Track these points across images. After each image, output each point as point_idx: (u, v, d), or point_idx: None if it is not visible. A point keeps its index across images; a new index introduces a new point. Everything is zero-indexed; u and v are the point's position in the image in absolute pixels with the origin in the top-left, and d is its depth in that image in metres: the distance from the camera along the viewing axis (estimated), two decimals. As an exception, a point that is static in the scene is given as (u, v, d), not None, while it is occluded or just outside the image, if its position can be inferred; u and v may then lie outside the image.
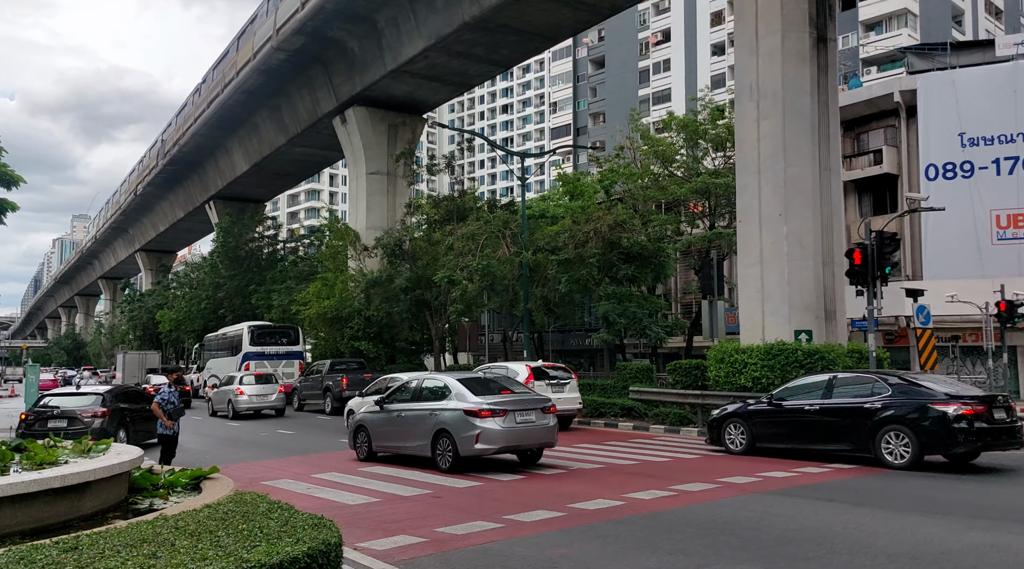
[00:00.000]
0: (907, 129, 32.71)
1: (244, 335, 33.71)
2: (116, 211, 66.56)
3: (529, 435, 11.94)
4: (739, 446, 13.64)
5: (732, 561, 6.40)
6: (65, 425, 14.93)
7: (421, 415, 12.40)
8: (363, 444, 13.54)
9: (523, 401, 12.17)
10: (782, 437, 13.16)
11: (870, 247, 15.83)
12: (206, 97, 42.78)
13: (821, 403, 12.69)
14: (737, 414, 13.83)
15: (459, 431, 11.56)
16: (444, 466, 11.78)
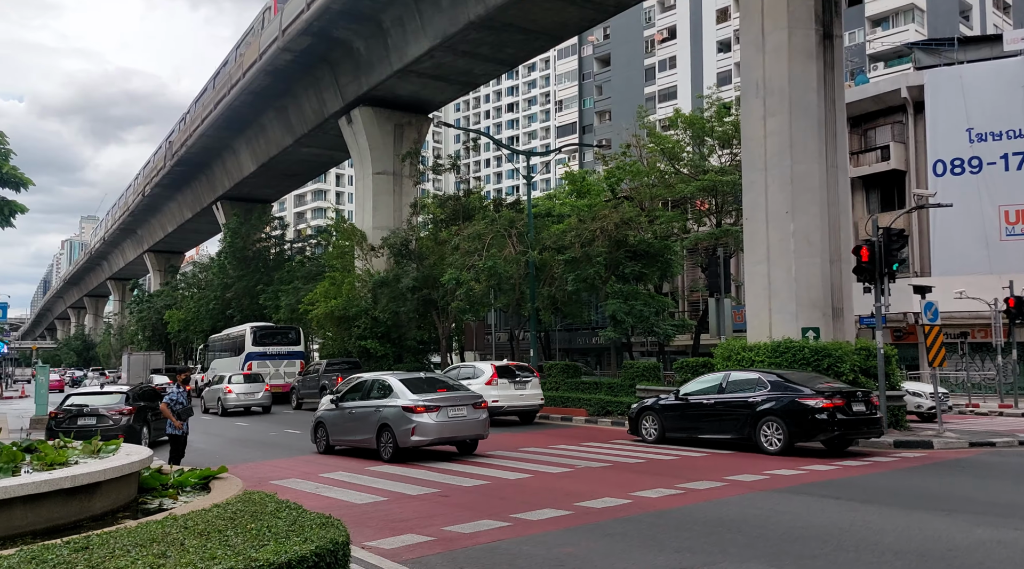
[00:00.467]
0: (915, 125, 32.58)
1: (247, 336, 34.28)
2: (124, 212, 66.90)
3: (460, 428, 13.34)
4: (652, 436, 15.37)
5: (739, 559, 6.41)
6: (94, 422, 15.60)
7: (368, 411, 13.81)
8: (322, 438, 14.89)
9: (456, 398, 13.56)
10: (686, 428, 14.89)
11: (877, 244, 15.77)
12: (213, 98, 42.95)
13: (716, 398, 14.50)
14: (651, 408, 15.58)
15: (398, 425, 12.97)
16: (386, 456, 13.15)
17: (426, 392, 13.54)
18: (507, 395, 20.00)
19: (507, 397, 19.97)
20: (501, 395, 19.81)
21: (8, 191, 25.38)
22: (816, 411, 12.91)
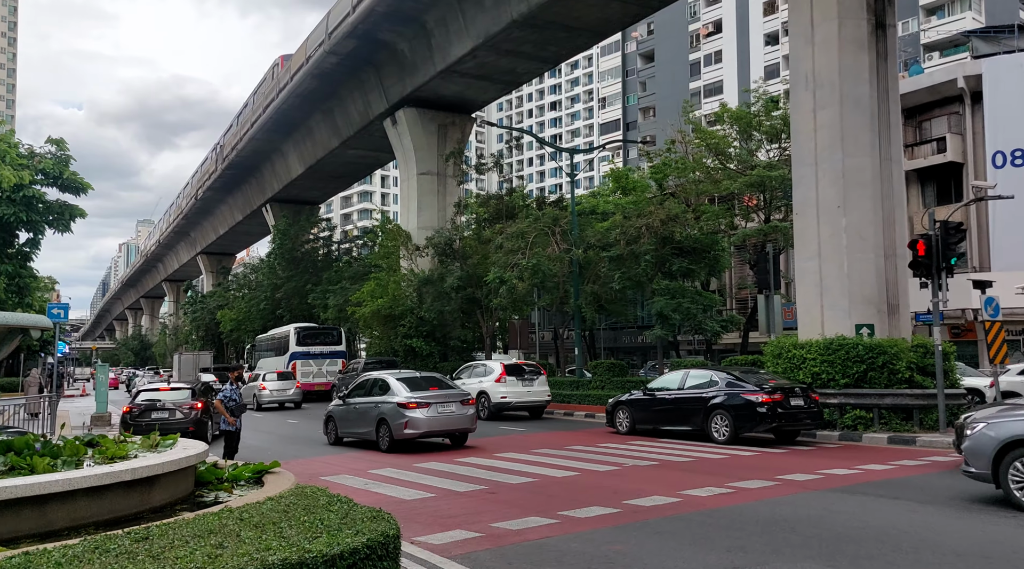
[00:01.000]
0: (972, 116, 31.53)
1: (291, 336, 35.68)
2: (178, 215, 68.68)
3: (449, 422, 14.70)
4: (625, 427, 17.04)
5: (792, 558, 6.28)
6: (167, 416, 16.76)
7: (368, 407, 15.39)
8: (331, 431, 16.63)
9: (446, 395, 14.98)
10: (651, 419, 16.51)
11: (934, 238, 15.30)
12: (262, 102, 43.82)
13: (676, 394, 16.11)
14: (623, 402, 17.29)
15: (394, 419, 14.47)
16: (383, 447, 14.75)
17: (420, 390, 14.94)
18: (515, 391, 21.54)
19: (515, 393, 21.52)
20: (509, 391, 21.46)
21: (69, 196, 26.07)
22: (757, 405, 14.42)
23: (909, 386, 15.91)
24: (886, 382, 15.93)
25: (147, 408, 17.15)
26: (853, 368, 16.07)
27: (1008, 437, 8.29)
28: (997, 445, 8.34)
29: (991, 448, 8.39)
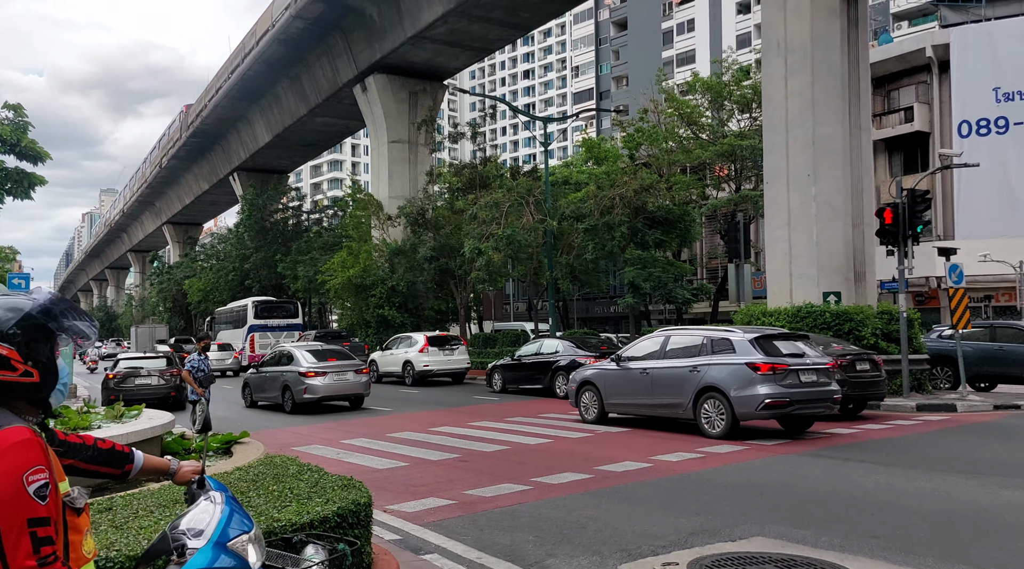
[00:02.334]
0: (939, 85, 31.83)
1: (249, 309, 36.47)
2: (142, 184, 67.25)
3: (344, 388, 16.85)
4: (497, 387, 20.56)
5: (760, 521, 6.37)
6: (149, 382, 18.11)
7: (276, 375, 17.52)
8: (248, 395, 18.74)
9: (343, 365, 17.15)
10: (516, 379, 19.94)
11: (901, 206, 15.48)
12: (227, 68, 42.78)
13: (534, 358, 19.36)
14: (500, 365, 20.89)
15: (295, 386, 16.65)
16: (287, 409, 16.85)
17: (319, 361, 16.96)
18: (437, 360, 23.78)
19: (437, 362, 23.78)
20: (432, 360, 23.74)
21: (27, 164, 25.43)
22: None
23: (875, 352, 16.20)
24: (852, 348, 16.19)
25: (128, 375, 18.27)
26: (820, 335, 16.30)
27: None
28: None
29: None
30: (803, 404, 11.00)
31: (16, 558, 1.67)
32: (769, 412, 10.88)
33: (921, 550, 5.45)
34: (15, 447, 1.73)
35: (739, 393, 10.84)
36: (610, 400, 12.93)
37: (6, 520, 1.67)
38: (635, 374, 12.45)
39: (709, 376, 11.24)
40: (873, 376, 13.56)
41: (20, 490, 1.69)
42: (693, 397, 11.38)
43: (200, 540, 2.14)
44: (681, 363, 11.82)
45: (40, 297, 1.95)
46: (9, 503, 1.68)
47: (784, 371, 10.89)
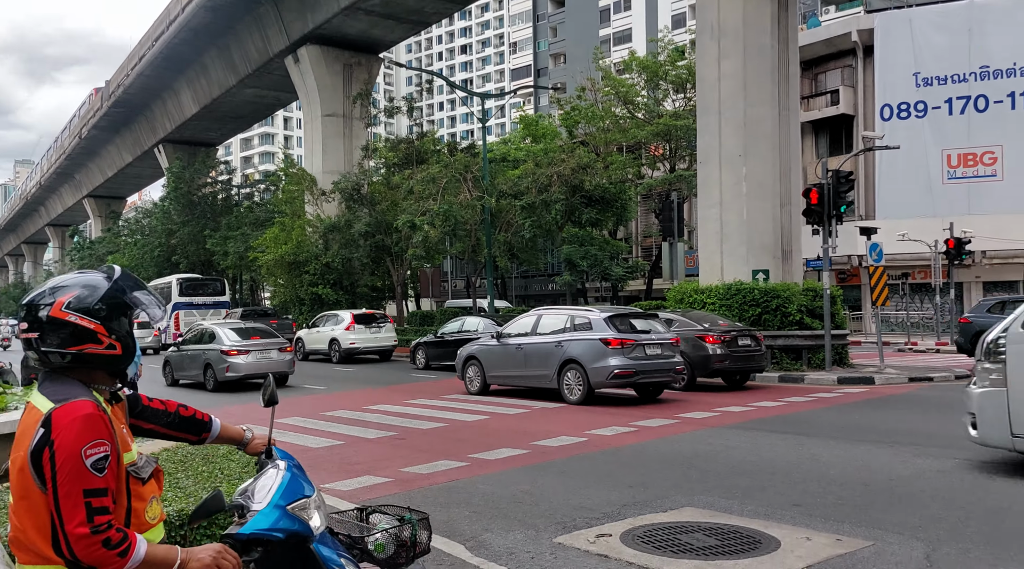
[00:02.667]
0: (864, 69, 32.87)
1: (173, 287, 35.70)
2: (61, 155, 64.07)
3: (267, 366, 16.56)
4: (421, 364, 20.98)
5: (691, 492, 6.57)
6: None
7: (198, 353, 17.51)
8: (168, 374, 18.61)
9: (266, 343, 17.25)
10: (439, 356, 19.95)
11: (827, 186, 16.01)
12: (150, 35, 40.96)
13: (458, 335, 19.15)
14: (422, 343, 21.36)
15: (217, 364, 16.70)
16: (209, 387, 16.94)
17: (242, 339, 17.03)
18: (363, 338, 23.81)
19: (363, 339, 23.82)
20: (358, 338, 23.73)
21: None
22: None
23: (800, 328, 16.80)
24: (779, 324, 16.77)
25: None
26: (750, 311, 16.81)
27: None
28: None
29: None
30: (648, 374, 12.45)
31: (71, 525, 1.79)
32: (618, 381, 12.24)
33: (840, 517, 5.71)
34: (77, 421, 1.83)
35: (593, 364, 12.28)
36: (491, 373, 14.16)
37: (64, 489, 1.80)
38: (512, 349, 13.80)
39: (570, 350, 12.66)
40: (754, 350, 14.50)
41: (79, 462, 1.80)
42: (557, 368, 12.79)
43: (261, 503, 2.21)
44: (549, 339, 13.20)
45: (113, 273, 2.07)
46: (68, 474, 1.80)
47: (632, 345, 12.29)
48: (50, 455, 1.81)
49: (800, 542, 5.07)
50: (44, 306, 1.96)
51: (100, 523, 1.81)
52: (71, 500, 1.80)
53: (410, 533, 2.53)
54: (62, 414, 1.85)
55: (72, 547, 1.80)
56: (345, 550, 2.39)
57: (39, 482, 1.84)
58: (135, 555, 1.84)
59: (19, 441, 1.91)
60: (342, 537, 2.46)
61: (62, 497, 1.80)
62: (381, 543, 2.46)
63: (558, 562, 4.84)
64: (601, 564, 4.78)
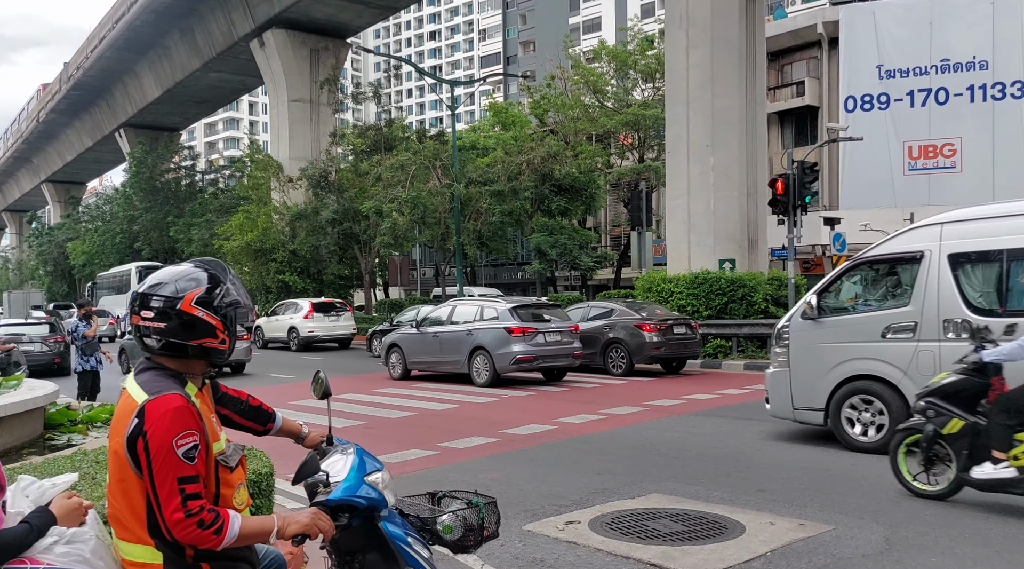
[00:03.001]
0: (829, 61, 33.32)
1: (132, 275, 35.53)
2: (18, 139, 62.34)
3: None
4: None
5: (657, 478, 6.66)
6: (33, 349, 17.13)
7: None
8: (124, 362, 18.16)
9: None
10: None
11: (792, 177, 16.22)
12: (111, 16, 39.95)
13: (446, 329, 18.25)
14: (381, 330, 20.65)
15: (133, 352, 16.29)
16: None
17: None
18: (322, 326, 23.98)
19: (322, 327, 23.98)
20: (317, 326, 23.87)
21: None
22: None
23: (764, 316, 17.05)
24: (744, 313, 17.00)
25: (10, 341, 17.29)
26: (716, 300, 17.02)
27: None
28: None
29: None
30: (547, 359, 13.90)
31: (167, 510, 1.93)
32: (520, 365, 13.58)
33: (803, 501, 5.84)
34: (168, 414, 1.95)
35: (498, 351, 13.56)
36: (411, 359, 15.26)
37: (159, 477, 1.92)
38: (429, 337, 15.00)
39: (479, 338, 13.90)
40: (689, 338, 15.27)
41: (171, 452, 1.93)
42: (468, 355, 14.03)
43: (340, 475, 2.32)
44: (461, 328, 14.44)
45: (227, 273, 2.20)
46: (162, 463, 1.92)
47: (532, 333, 13.67)
48: (144, 445, 1.94)
49: (764, 527, 5.17)
50: (173, 299, 2.07)
51: (193, 508, 1.94)
52: (166, 488, 1.93)
53: (478, 517, 2.57)
54: (154, 407, 1.96)
55: (170, 530, 1.94)
56: (414, 531, 2.46)
57: (135, 467, 1.97)
58: (230, 532, 1.98)
59: (116, 427, 2.04)
60: (412, 519, 2.53)
61: (158, 485, 1.93)
62: (449, 525, 2.53)
63: (527, 549, 4.88)
64: (569, 551, 4.83)
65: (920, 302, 7.18)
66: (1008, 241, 6.77)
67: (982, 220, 7.13)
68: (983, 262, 7.02)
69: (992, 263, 6.95)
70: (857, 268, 8.19)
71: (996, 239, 6.88)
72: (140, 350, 2.15)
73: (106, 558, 2.02)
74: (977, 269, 7.07)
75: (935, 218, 7.51)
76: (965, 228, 7.12)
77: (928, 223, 7.48)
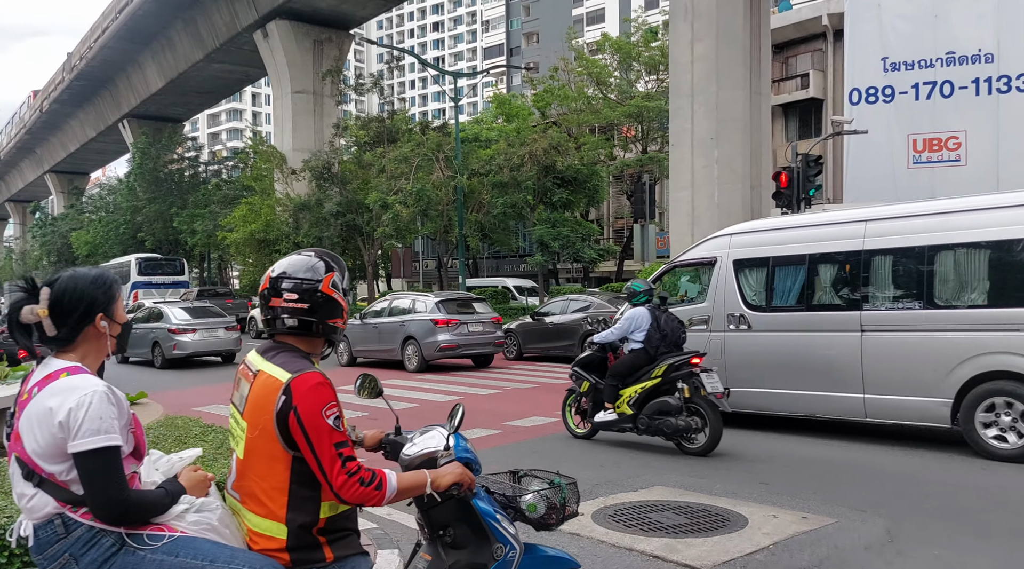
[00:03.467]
0: (834, 53, 33.16)
1: (132, 266, 35.82)
2: (20, 129, 62.35)
3: (214, 344, 17.77)
4: None
5: (660, 472, 6.69)
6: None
7: (145, 332, 18.00)
8: None
9: (213, 322, 18.06)
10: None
11: (796, 170, 16.21)
12: (114, 7, 39.88)
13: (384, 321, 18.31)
14: None
15: (165, 342, 17.38)
16: (157, 364, 17.63)
17: (190, 318, 18.05)
18: None
19: None
20: None
21: None
22: None
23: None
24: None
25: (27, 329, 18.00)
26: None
27: None
28: None
29: None
30: (470, 347, 15.54)
31: (332, 475, 2.09)
32: (444, 353, 15.16)
33: (806, 494, 5.87)
34: (313, 388, 2.11)
35: (425, 340, 15.12)
36: (355, 348, 16.73)
37: (318, 446, 2.08)
38: (370, 328, 16.48)
39: (409, 328, 15.44)
40: None
41: (323, 422, 2.09)
42: (400, 343, 15.52)
43: (443, 442, 2.54)
44: (395, 320, 15.95)
45: (339, 261, 2.37)
46: (318, 433, 2.08)
47: (456, 324, 15.34)
48: (296, 419, 2.08)
49: (767, 519, 5.20)
50: (315, 281, 2.26)
51: (352, 468, 2.11)
52: (327, 455, 2.08)
53: (560, 496, 2.67)
54: (299, 383, 2.10)
55: (338, 493, 2.09)
56: (500, 508, 2.57)
57: (284, 443, 2.11)
58: (389, 486, 2.16)
59: (258, 405, 2.14)
60: (497, 496, 2.63)
61: (319, 453, 2.08)
62: (533, 503, 2.61)
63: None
64: (573, 542, 4.87)
65: (713, 299, 8.74)
66: (773, 250, 8.34)
67: (759, 232, 8.72)
68: (756, 267, 8.48)
69: (762, 268, 8.42)
70: (672, 270, 9.69)
71: (765, 248, 8.42)
72: (270, 331, 2.32)
73: (231, 526, 2.16)
74: (752, 273, 8.53)
75: (727, 229, 9.13)
76: (746, 238, 8.66)
77: (722, 234, 9.05)
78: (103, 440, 1.94)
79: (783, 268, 8.24)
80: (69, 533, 1.97)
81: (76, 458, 1.95)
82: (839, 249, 7.86)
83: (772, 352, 8.15)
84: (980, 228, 7.04)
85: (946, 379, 6.99)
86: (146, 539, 2.00)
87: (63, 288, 2.10)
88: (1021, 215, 6.86)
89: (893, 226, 7.60)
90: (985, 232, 6.99)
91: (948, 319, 7.10)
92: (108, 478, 1.94)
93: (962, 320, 7.03)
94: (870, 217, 7.85)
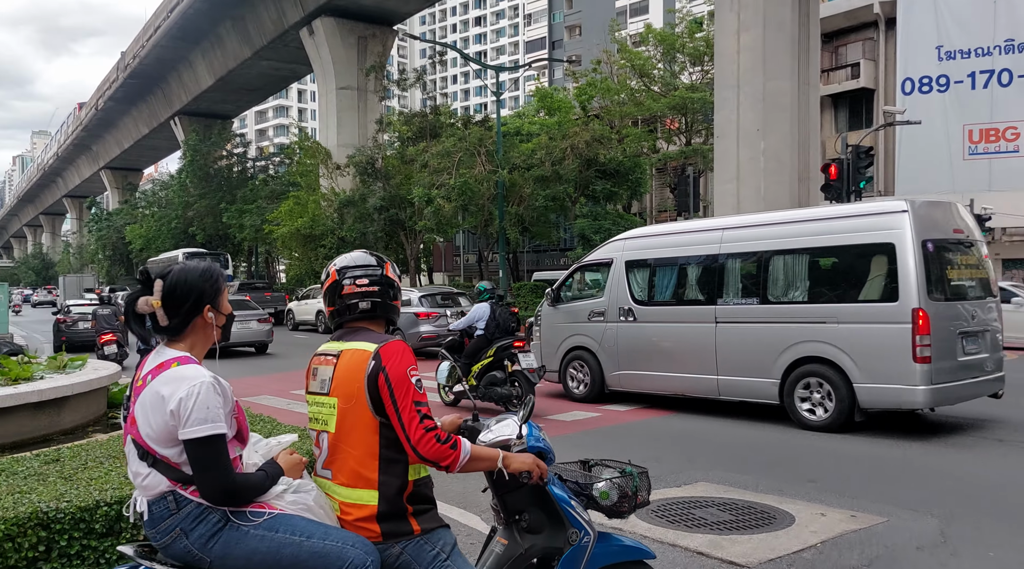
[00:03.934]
0: (885, 42, 32.29)
1: (179, 260, 36.36)
2: (77, 126, 64.37)
3: (247, 335, 18.35)
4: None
5: (704, 467, 6.62)
6: (105, 324, 17.96)
7: None
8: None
9: (246, 314, 18.43)
10: None
11: (846, 162, 15.83)
12: (165, 6, 40.83)
13: None
14: None
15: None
16: None
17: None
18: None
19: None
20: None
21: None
22: None
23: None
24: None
25: (79, 319, 19.52)
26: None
27: None
28: None
29: None
30: (448, 336, 16.26)
31: (410, 429, 2.25)
32: (427, 342, 15.97)
33: (855, 492, 5.74)
34: (398, 352, 2.32)
35: (408, 331, 15.61)
36: None
37: (401, 402, 2.26)
38: None
39: None
40: None
41: (407, 379, 2.28)
42: None
43: (516, 431, 2.61)
44: None
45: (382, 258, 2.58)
46: (402, 390, 2.26)
47: (436, 316, 16.59)
48: (385, 378, 2.27)
49: (815, 517, 5.10)
50: (380, 267, 2.50)
51: (430, 425, 2.27)
52: (407, 411, 2.25)
53: (632, 485, 2.73)
54: (387, 348, 2.31)
55: (416, 448, 2.24)
56: (572, 495, 2.65)
57: (373, 407, 2.28)
58: (463, 449, 2.31)
59: (347, 377, 2.32)
60: (569, 484, 2.71)
61: (401, 409, 2.25)
62: (605, 491, 2.69)
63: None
64: (616, 536, 4.84)
65: (607, 295, 10.13)
66: (655, 253, 9.78)
67: (646, 237, 10.21)
68: (642, 267, 9.89)
69: (646, 268, 9.86)
70: (580, 269, 10.92)
71: (650, 251, 9.86)
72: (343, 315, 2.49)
73: (325, 507, 2.29)
74: (639, 272, 9.91)
75: (623, 234, 10.69)
76: (636, 243, 10.13)
77: (618, 238, 10.59)
78: (210, 429, 2.07)
79: (662, 268, 9.71)
80: (180, 509, 2.11)
81: (186, 445, 2.08)
82: (702, 253, 9.29)
83: (651, 340, 9.67)
84: (802, 236, 8.36)
85: (775, 363, 8.33)
86: (248, 516, 2.14)
87: (175, 280, 2.24)
88: (831, 226, 8.16)
89: (743, 233, 8.98)
90: (804, 240, 8.34)
91: (777, 313, 8.49)
92: (215, 463, 2.08)
93: (786, 314, 8.41)
94: (727, 225, 9.40)
